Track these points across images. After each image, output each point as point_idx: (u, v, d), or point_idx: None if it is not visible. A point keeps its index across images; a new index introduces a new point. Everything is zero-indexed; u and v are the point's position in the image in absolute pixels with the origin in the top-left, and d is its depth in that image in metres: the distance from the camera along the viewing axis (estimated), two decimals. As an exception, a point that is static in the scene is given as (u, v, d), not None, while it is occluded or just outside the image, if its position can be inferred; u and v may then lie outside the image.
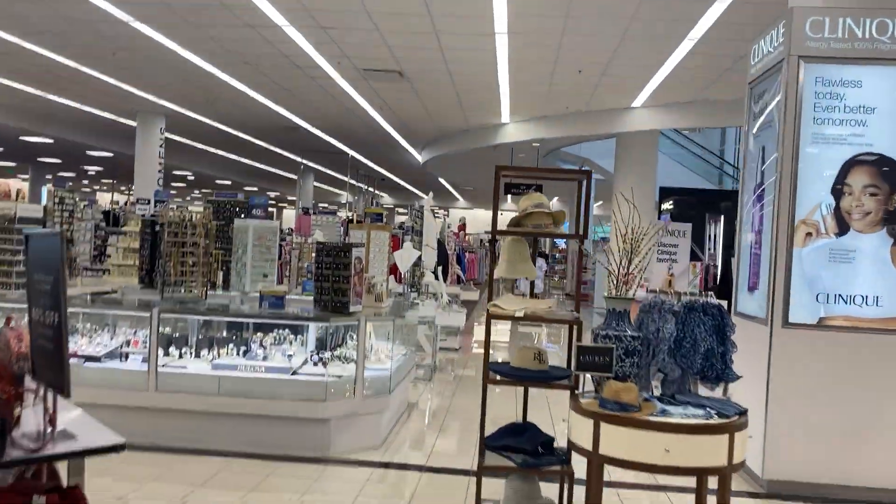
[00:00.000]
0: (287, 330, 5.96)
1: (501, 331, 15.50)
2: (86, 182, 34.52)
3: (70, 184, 12.05)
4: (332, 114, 14.18)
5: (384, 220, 8.75)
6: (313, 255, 7.15)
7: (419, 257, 8.83)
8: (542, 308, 3.89)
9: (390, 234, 6.99)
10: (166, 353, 5.56)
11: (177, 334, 5.80)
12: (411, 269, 8.90)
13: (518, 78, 10.32)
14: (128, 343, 5.65)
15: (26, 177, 27.66)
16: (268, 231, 7.22)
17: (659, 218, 15.44)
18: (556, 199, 32.42)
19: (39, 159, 24.55)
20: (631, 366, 3.71)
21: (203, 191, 38.11)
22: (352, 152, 19.97)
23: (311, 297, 5.78)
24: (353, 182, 22.06)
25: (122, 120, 16.01)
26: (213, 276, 8.49)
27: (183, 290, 5.78)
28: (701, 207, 15.53)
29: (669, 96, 11.09)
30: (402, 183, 28.99)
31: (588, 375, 3.64)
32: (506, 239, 4.18)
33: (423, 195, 37.28)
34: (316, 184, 27.77)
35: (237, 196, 9.14)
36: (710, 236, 15.65)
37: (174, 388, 5.30)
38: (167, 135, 16.55)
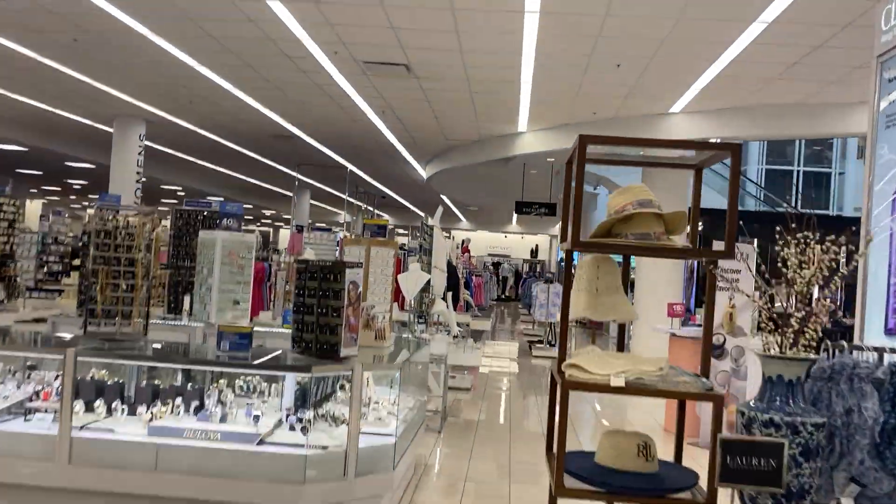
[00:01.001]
0: (256, 378, 4.46)
1: (500, 353, 14.00)
2: (73, 197, 33.10)
3: (47, 199, 10.64)
4: (329, 119, 12.77)
5: (387, 235, 7.36)
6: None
7: (427, 282, 7.36)
8: (652, 371, 2.39)
9: (395, 252, 5.52)
10: (88, 409, 4.06)
11: (108, 382, 4.30)
12: (419, 296, 7.43)
13: (543, 77, 8.93)
14: (37, 394, 4.15)
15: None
16: (240, 246, 5.74)
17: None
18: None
19: (18, 170, 23.11)
20: (811, 474, 2.23)
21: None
22: (350, 166, 18.56)
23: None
24: (351, 200, 20.65)
25: (101, 127, 14.61)
26: (164, 301, 7.01)
27: (117, 323, 4.29)
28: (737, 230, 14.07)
29: (715, 100, 9.69)
30: (404, 202, 27.56)
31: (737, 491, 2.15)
32: (583, 258, 2.70)
33: (424, 214, 35.97)
34: (313, 202, 26.36)
35: (210, 206, 7.70)
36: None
37: (94, 461, 3.80)
38: (148, 143, 15.13)
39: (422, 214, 34.67)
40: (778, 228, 2.74)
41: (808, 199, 22.57)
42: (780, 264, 2.70)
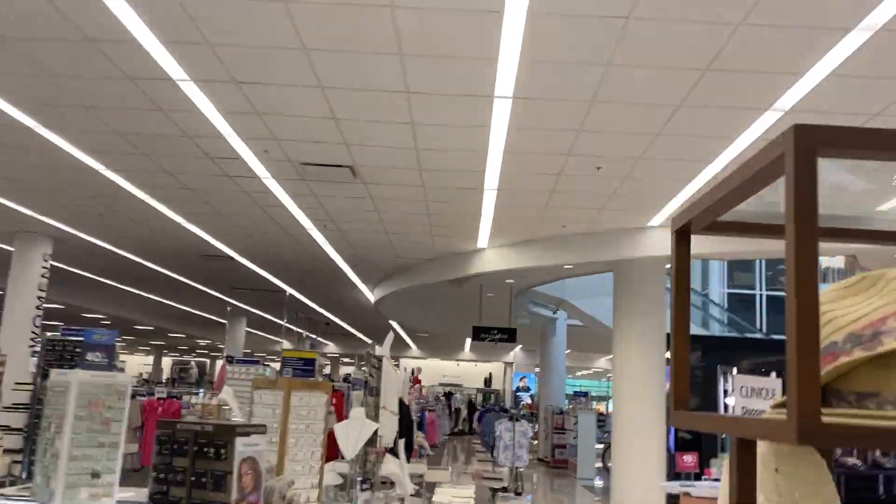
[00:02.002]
0: None
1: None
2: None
3: None
4: (263, 235, 11.32)
5: (320, 370, 5.74)
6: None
7: (374, 432, 5.69)
8: None
9: (329, 396, 3.89)
10: None
11: None
12: (362, 451, 5.72)
13: (512, 181, 7.76)
14: None
15: None
16: (106, 392, 4.04)
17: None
18: (518, 347, 29.59)
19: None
20: None
21: (125, 337, 34.08)
22: (290, 289, 16.96)
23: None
24: (290, 327, 18.88)
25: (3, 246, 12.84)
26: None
27: None
28: (712, 357, 12.84)
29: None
30: (350, 328, 25.79)
31: None
32: (762, 447, 1.17)
33: (371, 342, 33.98)
34: (249, 329, 24.36)
35: (81, 336, 5.96)
36: (723, 391, 12.91)
37: None
38: (58, 264, 13.36)
39: (369, 342, 32.76)
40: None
41: (775, 322, 21.80)
42: None
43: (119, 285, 17.60)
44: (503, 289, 15.16)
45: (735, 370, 13.23)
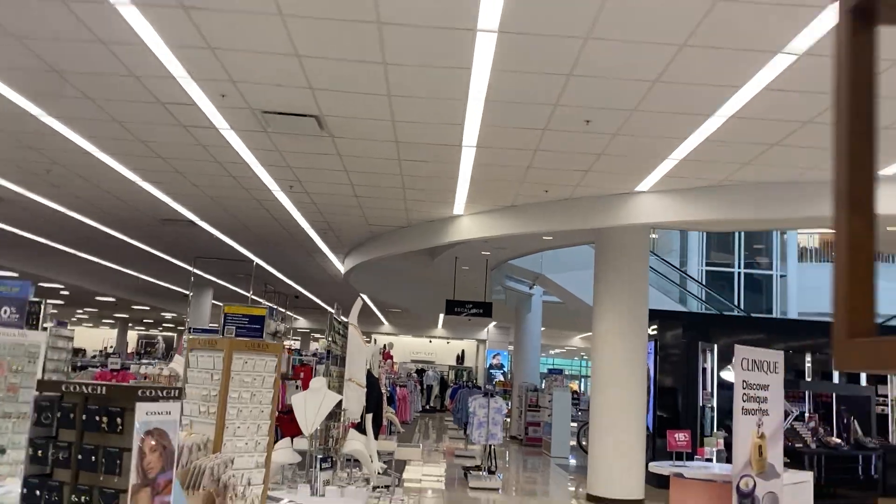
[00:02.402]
0: None
1: (428, 481, 11.44)
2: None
3: None
4: (226, 197, 10.61)
5: (278, 333, 5.09)
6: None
7: (338, 404, 5.12)
8: None
9: (278, 361, 3.27)
10: None
11: None
12: (323, 426, 5.15)
13: (491, 143, 7.16)
14: None
15: None
16: (13, 354, 3.40)
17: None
18: (493, 323, 29.15)
19: None
20: None
21: (87, 310, 33.00)
22: (257, 260, 16.24)
23: None
24: (257, 300, 18.16)
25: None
26: None
27: None
28: (692, 334, 12.46)
29: (693, 177, 8.14)
30: (321, 303, 25.11)
31: None
32: None
33: (336, 305, 33.11)
34: (215, 302, 23.57)
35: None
36: (702, 369, 12.56)
37: None
38: (7, 227, 12.51)
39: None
40: None
41: (751, 300, 21.62)
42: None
43: (76, 252, 16.71)
44: (479, 262, 14.62)
45: (715, 348, 12.91)
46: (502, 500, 9.76)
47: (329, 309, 29.20)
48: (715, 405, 12.38)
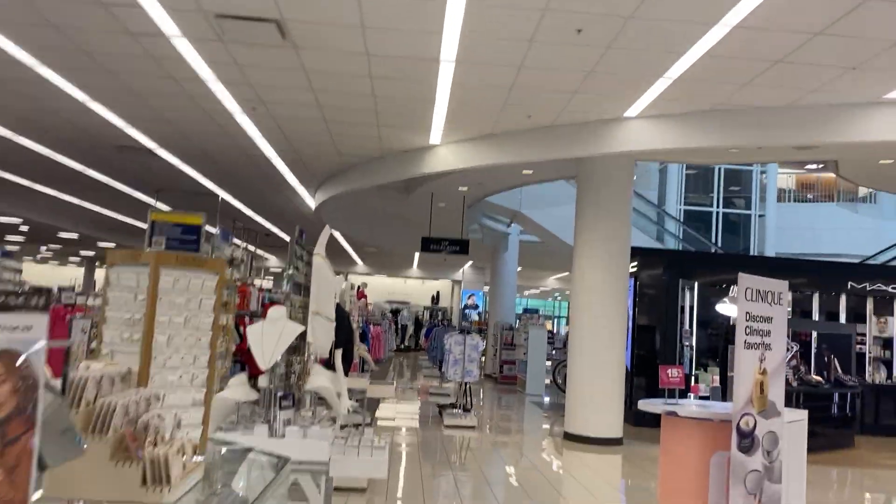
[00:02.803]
0: None
1: (401, 419, 11.19)
2: None
3: None
4: (184, 121, 9.85)
5: (236, 260, 4.50)
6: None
7: (302, 336, 4.61)
8: None
9: (219, 280, 2.71)
10: None
11: None
12: (285, 359, 4.66)
13: (471, 58, 6.51)
14: None
15: None
16: None
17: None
18: (469, 263, 28.80)
19: None
20: None
21: (51, 246, 31.97)
22: (223, 193, 15.50)
23: None
24: (212, 231, 17.46)
25: None
26: None
27: None
28: (673, 271, 12.13)
29: (685, 100, 7.59)
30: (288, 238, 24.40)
31: None
32: None
33: (297, 229, 32.36)
34: (183, 238, 22.73)
35: None
36: (681, 308, 12.29)
37: None
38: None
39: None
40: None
41: (728, 240, 21.44)
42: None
43: (31, 184, 15.81)
44: (455, 198, 14.07)
45: (696, 285, 12.62)
46: (477, 438, 9.49)
47: (288, 237, 28.36)
48: (694, 344, 12.18)
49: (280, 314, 4.15)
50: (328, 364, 6.39)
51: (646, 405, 5.19)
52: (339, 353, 6.31)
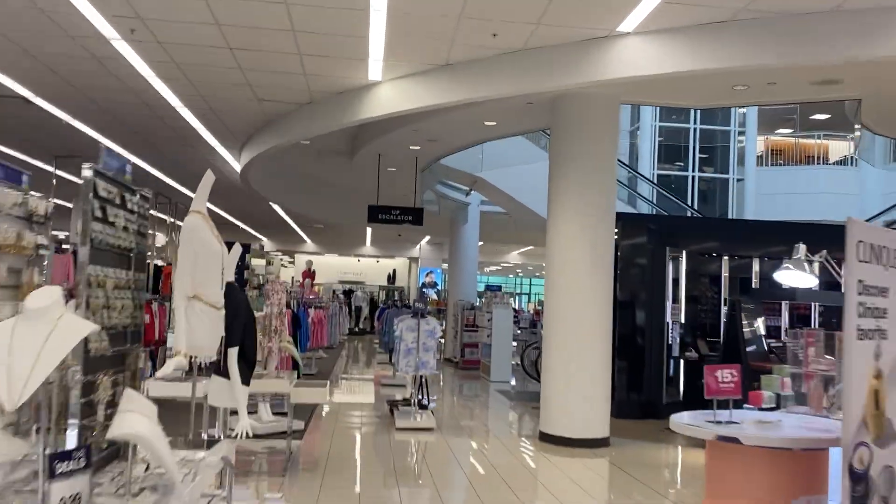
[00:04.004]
0: None
1: (350, 417, 9.30)
2: None
3: None
4: (59, 61, 7.72)
5: (36, 215, 2.62)
6: None
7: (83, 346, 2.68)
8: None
9: None
10: None
11: None
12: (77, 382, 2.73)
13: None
14: None
15: None
16: None
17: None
18: (426, 238, 26.89)
19: None
20: None
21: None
22: (135, 159, 13.27)
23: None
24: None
25: None
26: None
27: None
28: (659, 238, 10.42)
29: (694, 7, 5.78)
30: (225, 215, 22.06)
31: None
32: None
33: (260, 237, 30.07)
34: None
35: None
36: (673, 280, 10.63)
37: None
38: None
39: (258, 236, 29.01)
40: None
41: (705, 204, 20.02)
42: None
43: None
44: (407, 160, 12.16)
45: (683, 255, 10.96)
46: (435, 444, 7.68)
47: (238, 223, 25.92)
48: (683, 320, 10.54)
49: (51, 300, 2.21)
50: (219, 369, 4.50)
51: (683, 426, 3.39)
52: (233, 353, 4.43)
